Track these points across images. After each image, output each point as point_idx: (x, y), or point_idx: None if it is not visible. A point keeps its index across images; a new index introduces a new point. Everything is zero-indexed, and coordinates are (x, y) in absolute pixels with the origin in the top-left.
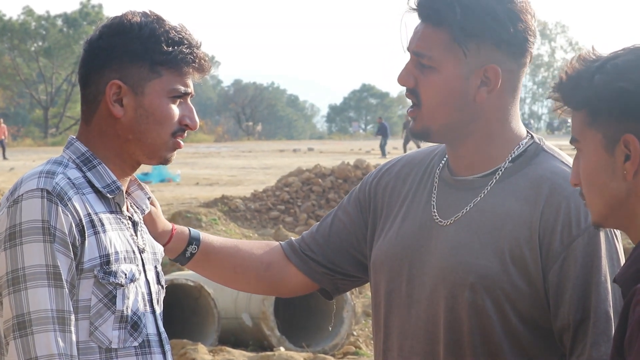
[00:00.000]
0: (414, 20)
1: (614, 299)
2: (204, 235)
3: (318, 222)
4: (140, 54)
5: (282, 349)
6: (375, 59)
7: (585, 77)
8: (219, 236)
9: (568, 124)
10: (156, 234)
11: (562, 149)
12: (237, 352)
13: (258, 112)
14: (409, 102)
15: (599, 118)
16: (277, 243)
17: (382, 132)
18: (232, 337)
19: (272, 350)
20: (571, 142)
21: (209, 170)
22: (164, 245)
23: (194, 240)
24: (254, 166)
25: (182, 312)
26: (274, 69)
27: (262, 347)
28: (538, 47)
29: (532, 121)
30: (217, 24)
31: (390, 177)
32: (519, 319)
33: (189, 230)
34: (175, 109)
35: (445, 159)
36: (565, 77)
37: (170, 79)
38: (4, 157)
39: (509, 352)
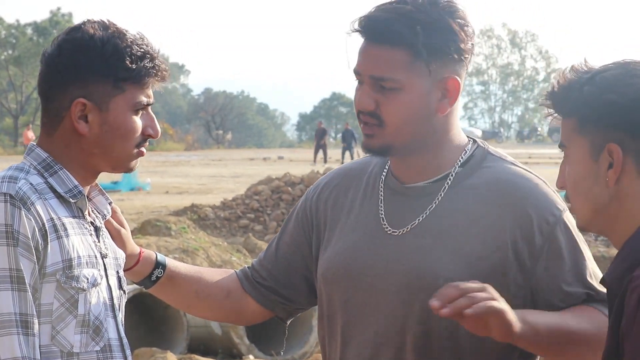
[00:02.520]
0: (358, 40)
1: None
2: (170, 261)
3: (265, 249)
4: (104, 71)
5: (251, 357)
6: (345, 68)
7: (576, 87)
8: (185, 264)
9: (538, 133)
10: (125, 256)
11: (531, 157)
12: None
13: (228, 120)
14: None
15: (587, 126)
16: (233, 271)
17: (348, 138)
18: (202, 346)
19: (241, 358)
20: (560, 146)
21: (178, 179)
22: (130, 268)
23: (160, 265)
24: (223, 175)
25: (151, 320)
26: (244, 76)
27: (231, 355)
28: (508, 56)
29: (502, 129)
30: (186, 31)
31: (330, 190)
32: None
33: (156, 254)
34: (138, 121)
35: (387, 167)
36: (557, 86)
37: (134, 92)
38: None
39: (474, 354)
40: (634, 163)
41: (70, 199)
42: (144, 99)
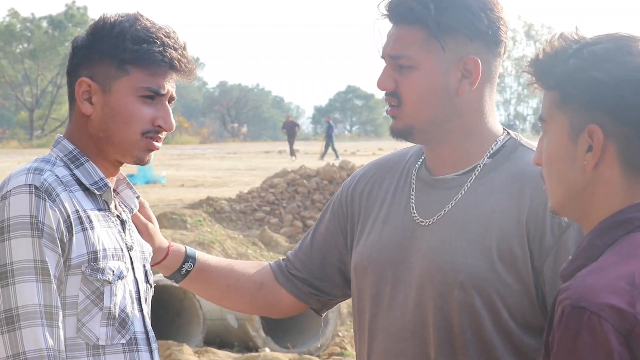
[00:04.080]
0: (387, 26)
1: None
2: (200, 254)
3: (300, 240)
4: (108, 51)
5: (267, 349)
6: (359, 62)
7: (562, 58)
8: (212, 256)
9: None
10: (153, 250)
11: None
12: (222, 353)
13: (243, 113)
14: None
15: (569, 103)
16: (267, 263)
17: (329, 131)
18: (218, 338)
19: (257, 351)
20: (539, 120)
21: (194, 172)
22: (159, 262)
23: (189, 258)
24: (239, 167)
25: (167, 313)
26: (259, 74)
27: (247, 348)
28: (523, 48)
29: (517, 122)
30: (202, 24)
31: (366, 182)
32: (509, 315)
33: (185, 247)
34: (144, 109)
35: (421, 159)
36: (543, 55)
37: (140, 77)
38: None
39: (501, 348)
40: (616, 149)
41: (96, 191)
42: (152, 87)
